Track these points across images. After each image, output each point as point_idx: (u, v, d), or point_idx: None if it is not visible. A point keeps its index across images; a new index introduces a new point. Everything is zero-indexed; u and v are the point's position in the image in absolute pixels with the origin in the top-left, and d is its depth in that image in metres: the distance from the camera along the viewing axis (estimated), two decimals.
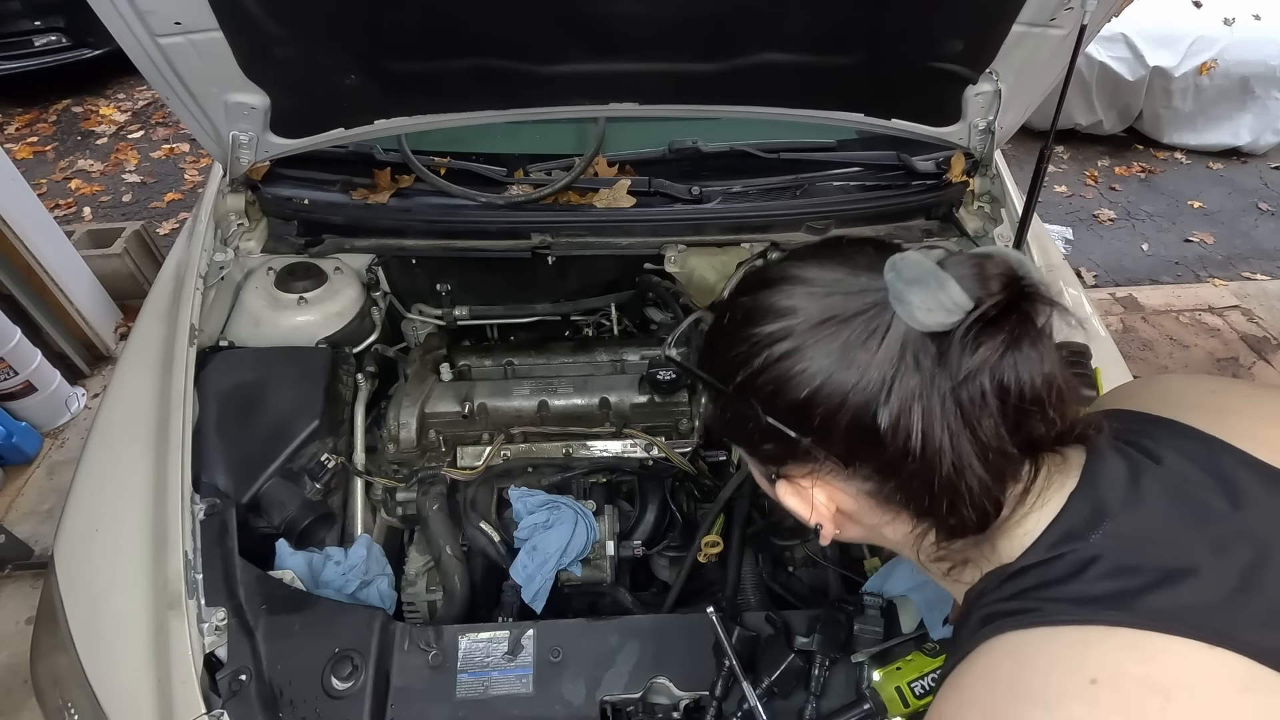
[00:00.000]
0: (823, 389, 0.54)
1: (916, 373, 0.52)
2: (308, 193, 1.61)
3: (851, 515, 0.62)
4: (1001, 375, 0.51)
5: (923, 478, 0.54)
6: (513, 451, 1.45)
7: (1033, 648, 0.51)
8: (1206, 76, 4.34)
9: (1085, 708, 0.46)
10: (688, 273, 1.63)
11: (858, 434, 0.54)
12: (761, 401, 0.57)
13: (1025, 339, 0.52)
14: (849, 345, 0.53)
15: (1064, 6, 1.18)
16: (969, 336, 0.51)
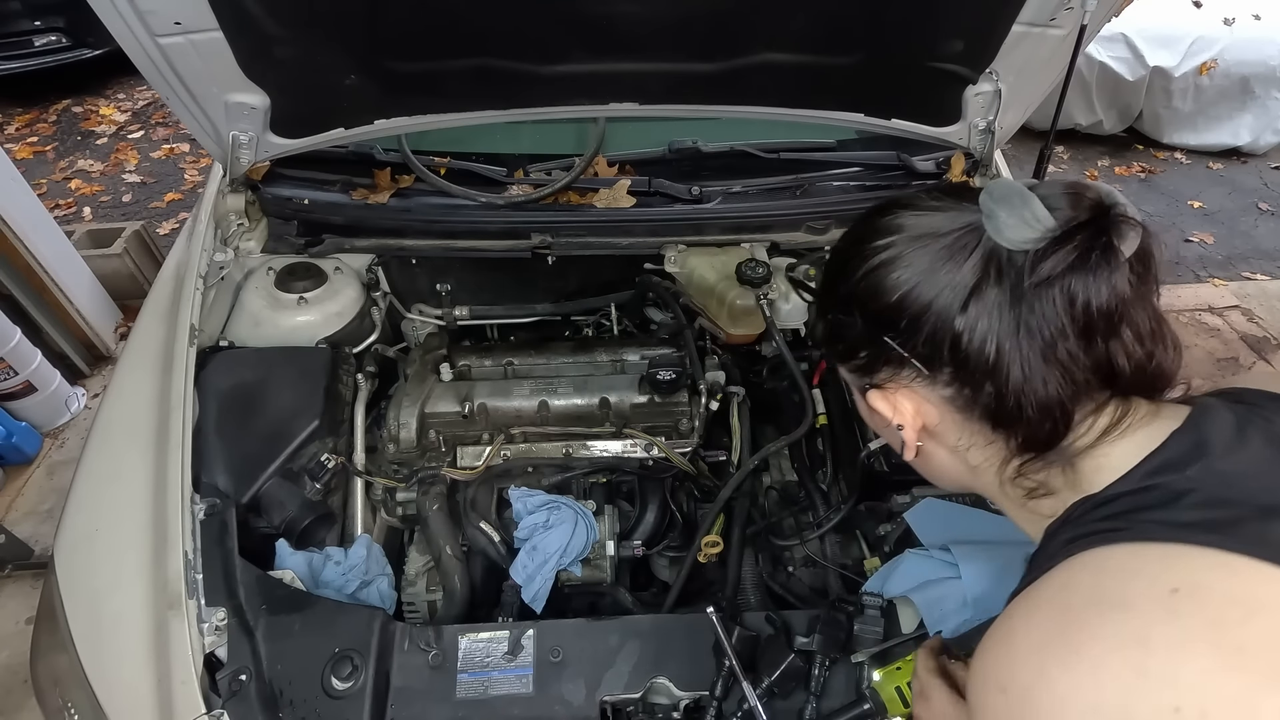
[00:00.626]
0: (911, 294, 0.60)
1: (996, 285, 0.57)
2: (308, 193, 1.61)
3: (937, 433, 0.66)
4: (1073, 288, 0.55)
5: (995, 383, 0.59)
6: (513, 451, 1.45)
7: (1115, 560, 0.53)
8: (1206, 76, 4.34)
9: (1163, 613, 0.48)
10: (688, 273, 1.63)
11: (939, 338, 0.59)
12: (858, 307, 0.64)
13: (1102, 261, 0.55)
14: (939, 257, 0.59)
15: (1064, 6, 1.18)
16: (1047, 250, 0.55)
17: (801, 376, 1.49)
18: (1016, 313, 0.57)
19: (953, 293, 0.58)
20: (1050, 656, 0.50)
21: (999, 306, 0.57)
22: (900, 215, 0.63)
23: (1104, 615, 0.50)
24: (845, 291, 0.66)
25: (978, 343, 0.58)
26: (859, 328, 0.65)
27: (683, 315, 1.64)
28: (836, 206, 1.64)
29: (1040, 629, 0.53)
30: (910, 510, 1.22)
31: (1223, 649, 0.46)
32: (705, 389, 1.48)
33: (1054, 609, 0.53)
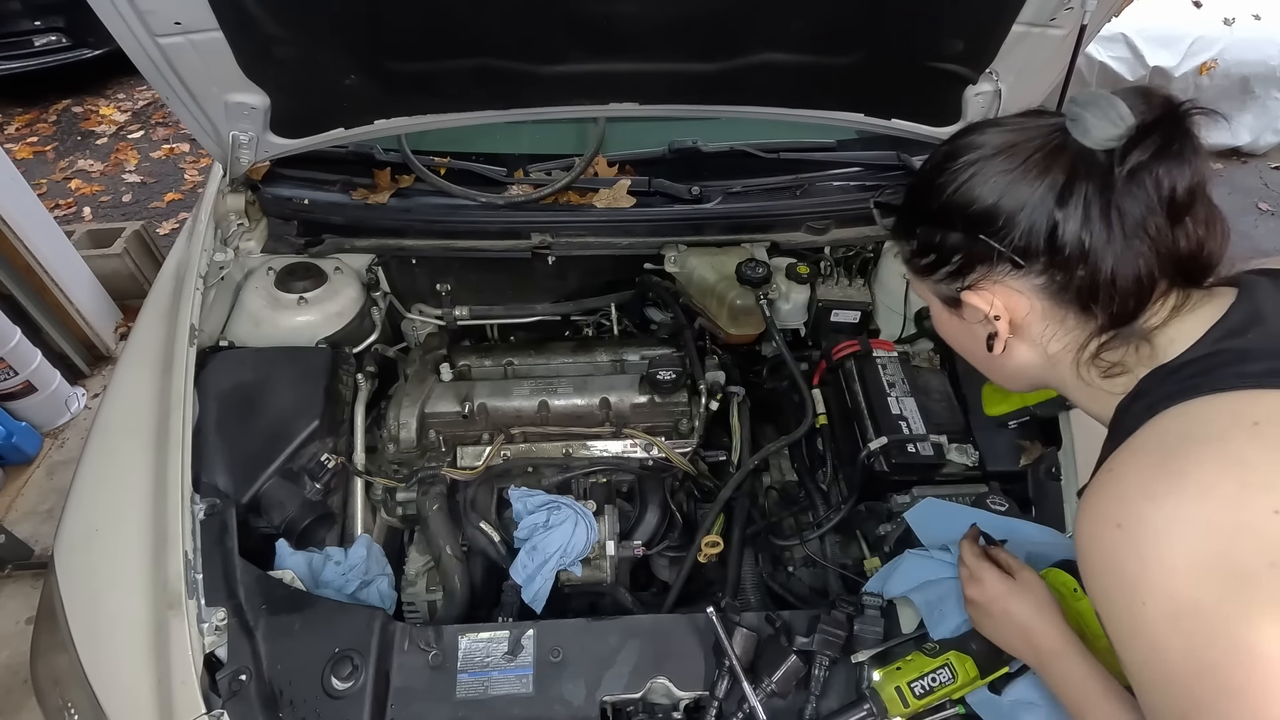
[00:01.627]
0: (1006, 195, 0.66)
1: (1087, 179, 0.64)
2: (308, 193, 1.61)
3: (1024, 326, 0.72)
4: (1159, 177, 0.62)
5: (1088, 265, 0.65)
6: (513, 451, 1.45)
7: (1199, 409, 0.60)
8: (1206, 76, 4.34)
9: (1251, 439, 0.56)
10: (688, 273, 1.63)
11: (1035, 231, 0.66)
12: (956, 214, 0.71)
13: (1181, 147, 0.62)
14: (1031, 163, 0.66)
15: (1064, 6, 1.18)
16: (1133, 145, 0.62)
17: (801, 376, 1.49)
18: (1107, 199, 0.63)
19: (1048, 189, 0.65)
20: (1160, 486, 0.57)
21: (1091, 197, 0.63)
22: (983, 133, 0.71)
23: (1201, 447, 0.57)
24: (938, 204, 0.72)
25: (1073, 230, 0.64)
26: (954, 235, 0.71)
27: (683, 315, 1.64)
28: (836, 206, 1.64)
29: (1145, 469, 0.60)
30: (910, 510, 1.22)
31: None
32: (705, 389, 1.48)
33: (1153, 451, 0.60)
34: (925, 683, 0.92)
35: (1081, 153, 0.64)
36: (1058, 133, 0.66)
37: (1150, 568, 0.56)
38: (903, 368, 1.48)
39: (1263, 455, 0.55)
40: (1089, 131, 0.63)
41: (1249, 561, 0.53)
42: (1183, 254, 0.65)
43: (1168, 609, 0.55)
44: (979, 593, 0.90)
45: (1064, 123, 0.65)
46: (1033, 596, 0.86)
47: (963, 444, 1.34)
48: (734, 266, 1.55)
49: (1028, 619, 0.85)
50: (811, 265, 1.64)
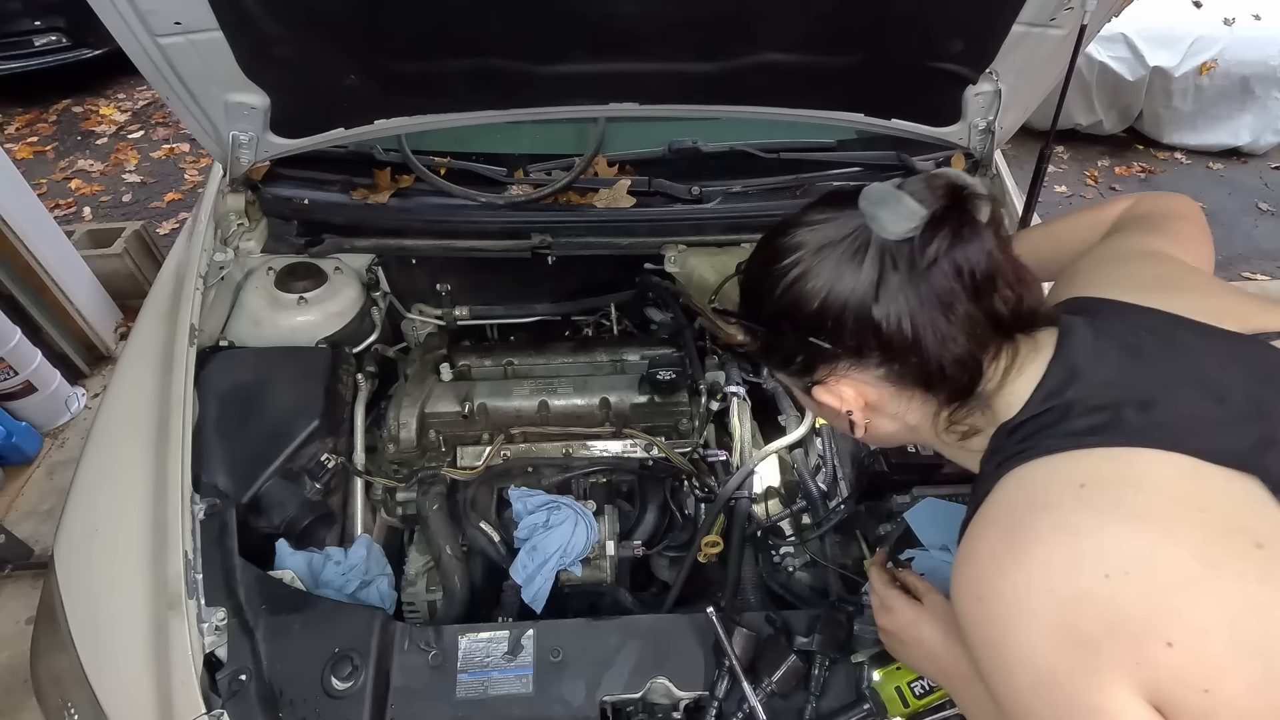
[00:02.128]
0: (829, 298, 0.69)
1: (895, 272, 0.67)
2: (308, 193, 1.61)
3: (877, 406, 0.76)
4: (957, 260, 0.66)
5: (918, 354, 0.69)
6: (513, 451, 1.45)
7: (1032, 473, 0.65)
8: (1206, 76, 4.34)
9: (1078, 504, 0.60)
10: (688, 273, 1.63)
11: (862, 328, 0.69)
12: (787, 321, 0.73)
13: (970, 231, 0.67)
14: (842, 261, 0.69)
15: (1064, 6, 1.18)
16: (928, 235, 0.66)
17: None
18: (918, 291, 0.67)
19: (863, 288, 0.68)
20: (1006, 560, 0.61)
21: (902, 289, 0.67)
22: (797, 233, 0.73)
23: (1037, 516, 0.61)
24: (769, 310, 0.75)
25: (894, 324, 0.68)
26: (790, 338, 0.74)
27: (683, 315, 1.64)
28: None
29: (992, 540, 0.64)
30: (910, 510, 1.22)
31: (1127, 520, 0.58)
32: (705, 389, 1.48)
33: (998, 522, 0.64)
34: (925, 683, 0.93)
35: (885, 245, 0.67)
36: (863, 227, 0.69)
37: (1010, 639, 0.60)
38: None
39: (1090, 521, 0.59)
40: (886, 228, 0.67)
41: (1090, 629, 0.56)
42: (1002, 318, 0.69)
43: (1031, 678, 0.59)
44: (890, 620, 0.91)
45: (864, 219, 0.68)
46: (940, 621, 0.87)
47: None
48: (734, 266, 1.55)
49: (936, 644, 0.86)
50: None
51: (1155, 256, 0.83)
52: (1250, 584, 0.54)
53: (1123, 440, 0.62)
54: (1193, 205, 0.99)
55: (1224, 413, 0.63)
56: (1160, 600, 0.55)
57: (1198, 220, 0.95)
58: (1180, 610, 0.55)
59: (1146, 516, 0.58)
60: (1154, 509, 0.59)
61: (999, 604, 0.61)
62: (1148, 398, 0.64)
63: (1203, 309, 0.71)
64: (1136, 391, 0.65)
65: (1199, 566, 0.56)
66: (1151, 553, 0.57)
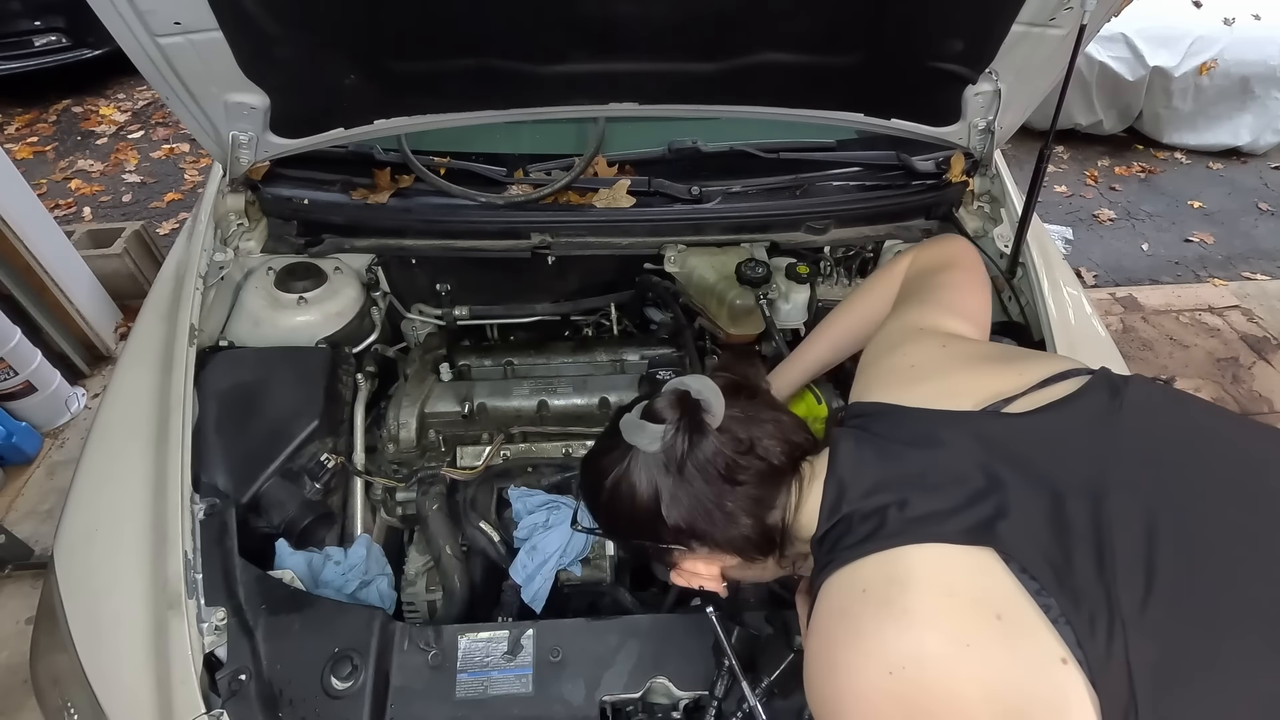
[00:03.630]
0: (635, 509, 0.82)
1: (667, 475, 0.80)
2: (308, 193, 1.61)
3: (727, 569, 0.86)
4: (699, 460, 0.79)
5: (716, 538, 0.81)
6: (513, 451, 1.45)
7: (834, 584, 0.72)
8: (1206, 76, 4.34)
9: (860, 608, 0.68)
10: (687, 273, 1.63)
11: (663, 525, 0.81)
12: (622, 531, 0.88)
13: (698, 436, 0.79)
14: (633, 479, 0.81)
15: (1064, 6, 1.18)
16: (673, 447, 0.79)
17: None
18: (686, 492, 0.79)
19: (650, 497, 0.80)
20: (822, 666, 0.70)
21: (675, 493, 0.79)
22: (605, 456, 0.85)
23: (837, 624, 0.69)
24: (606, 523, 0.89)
25: (683, 521, 0.80)
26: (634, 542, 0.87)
27: (683, 315, 1.64)
28: (836, 206, 1.64)
29: (812, 650, 0.72)
30: None
31: (896, 617, 0.65)
32: None
33: (815, 632, 0.71)
34: None
35: (653, 460, 0.80)
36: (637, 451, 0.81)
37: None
38: None
39: (870, 623, 0.66)
40: (645, 448, 0.80)
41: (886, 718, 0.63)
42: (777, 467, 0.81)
43: None
44: None
45: None
46: None
47: None
48: (734, 266, 1.55)
49: None
50: (811, 265, 1.64)
51: (917, 338, 0.91)
52: (995, 652, 0.61)
53: (889, 542, 0.69)
54: (967, 249, 1.08)
55: (963, 493, 0.69)
56: (932, 687, 0.62)
57: (970, 265, 1.04)
58: (951, 691, 0.62)
59: (911, 611, 0.65)
60: (916, 602, 0.65)
61: (824, 709, 0.68)
62: (903, 496, 0.71)
63: (943, 394, 0.80)
64: (894, 493, 0.72)
65: (954, 648, 0.62)
66: (916, 645, 0.63)
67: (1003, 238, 1.56)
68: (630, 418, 0.82)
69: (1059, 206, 4.24)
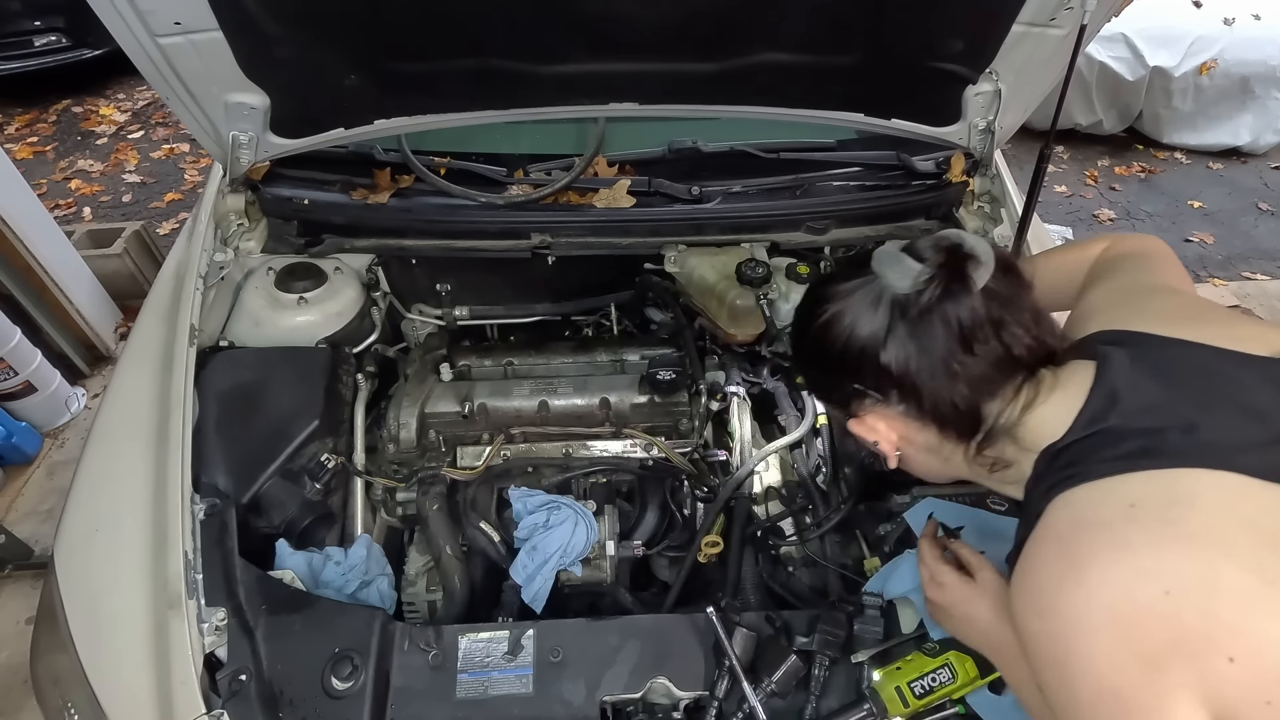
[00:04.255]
0: (849, 341, 0.79)
1: (901, 322, 0.76)
2: (308, 193, 1.61)
3: (909, 440, 0.83)
4: (946, 314, 0.74)
5: (927, 395, 0.77)
6: (513, 451, 1.45)
7: (1082, 495, 0.68)
8: (1206, 76, 4.34)
9: (1129, 522, 0.63)
10: (687, 273, 1.63)
11: (877, 370, 0.77)
12: (817, 360, 0.84)
13: (959, 288, 0.74)
14: (862, 310, 0.78)
15: (1064, 6, 1.18)
16: (922, 291, 0.74)
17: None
18: (917, 339, 0.75)
19: (874, 335, 0.77)
20: (1064, 578, 0.64)
21: (905, 339, 0.76)
22: (831, 285, 0.82)
23: (1092, 535, 0.64)
24: (808, 355, 0.86)
25: (898, 368, 0.76)
26: (825, 379, 0.86)
27: (683, 315, 1.64)
28: (836, 206, 1.64)
29: (1049, 560, 0.67)
30: (910, 510, 1.22)
31: (1181, 538, 0.61)
32: (705, 389, 1.48)
33: (1053, 542, 0.67)
34: (925, 683, 0.93)
35: (895, 299, 0.76)
36: (876, 285, 0.78)
37: (1072, 656, 0.63)
38: None
39: (1144, 538, 0.62)
40: (891, 282, 0.76)
41: (1152, 645, 0.59)
42: (1019, 358, 0.76)
43: (1092, 693, 0.62)
44: (940, 595, 0.93)
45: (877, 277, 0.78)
46: (992, 599, 0.88)
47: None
48: (734, 266, 1.55)
49: (988, 624, 0.87)
50: (811, 265, 1.63)
51: (1166, 291, 0.88)
52: None
53: (1170, 462, 0.65)
54: (1164, 244, 1.04)
55: (1265, 431, 0.65)
56: (1220, 617, 0.58)
57: (1173, 258, 1.01)
58: (1240, 626, 0.57)
59: (1201, 535, 0.61)
60: (1207, 527, 0.61)
61: (1059, 621, 0.63)
62: (1191, 420, 0.67)
63: (1227, 337, 0.74)
64: (1178, 416, 0.68)
65: (1256, 582, 0.58)
66: (1208, 570, 0.59)
67: (1003, 238, 1.56)
68: (888, 248, 0.78)
69: (1059, 206, 4.24)
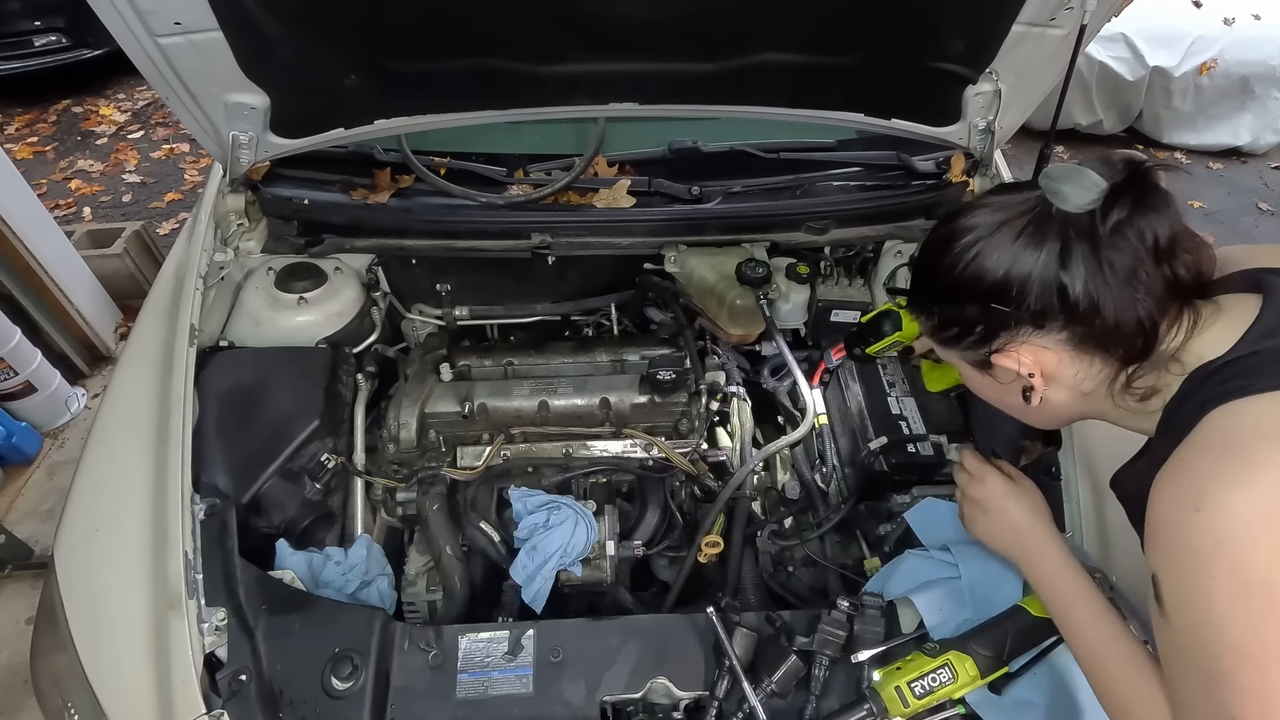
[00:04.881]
0: (1014, 268, 0.75)
1: (1079, 241, 0.73)
2: (308, 193, 1.61)
3: (1054, 375, 0.80)
4: (1141, 229, 0.71)
5: (1100, 317, 0.74)
6: (513, 451, 1.45)
7: (1251, 406, 0.67)
8: (1206, 76, 4.34)
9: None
10: (687, 273, 1.63)
11: (1046, 294, 0.75)
12: (969, 294, 0.79)
13: (1154, 199, 0.72)
14: (1028, 234, 0.75)
15: (1064, 6, 1.18)
16: (1109, 205, 0.71)
17: (802, 376, 1.49)
18: (1099, 256, 0.72)
19: (1050, 255, 0.74)
20: (1235, 475, 0.64)
21: (1085, 257, 0.72)
22: (974, 214, 0.79)
23: (1265, 442, 0.64)
24: (949, 284, 0.81)
25: (1080, 287, 0.73)
26: (971, 309, 0.80)
27: (683, 315, 1.64)
28: (836, 206, 1.64)
29: (1215, 461, 0.66)
30: (910, 510, 1.22)
31: None
32: (705, 389, 1.48)
33: (1218, 446, 0.67)
34: (925, 683, 0.92)
35: (1068, 218, 0.73)
36: (1042, 203, 0.75)
37: (1225, 548, 0.62)
38: (902, 367, 1.48)
39: None
40: (1069, 199, 0.73)
41: None
42: (1185, 282, 0.74)
43: (1234, 586, 0.61)
44: (979, 490, 0.99)
45: (1043, 194, 0.75)
46: (1029, 499, 0.96)
47: (963, 443, 1.34)
48: (734, 266, 1.55)
49: (1021, 518, 0.95)
50: (811, 265, 1.64)
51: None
52: None
53: None
54: None
55: None
56: None
57: None
58: None
59: None
60: None
61: (1220, 515, 0.63)
62: None
63: None
64: None
65: None
66: None
67: None
68: (1062, 165, 0.75)
69: None
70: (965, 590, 1.03)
